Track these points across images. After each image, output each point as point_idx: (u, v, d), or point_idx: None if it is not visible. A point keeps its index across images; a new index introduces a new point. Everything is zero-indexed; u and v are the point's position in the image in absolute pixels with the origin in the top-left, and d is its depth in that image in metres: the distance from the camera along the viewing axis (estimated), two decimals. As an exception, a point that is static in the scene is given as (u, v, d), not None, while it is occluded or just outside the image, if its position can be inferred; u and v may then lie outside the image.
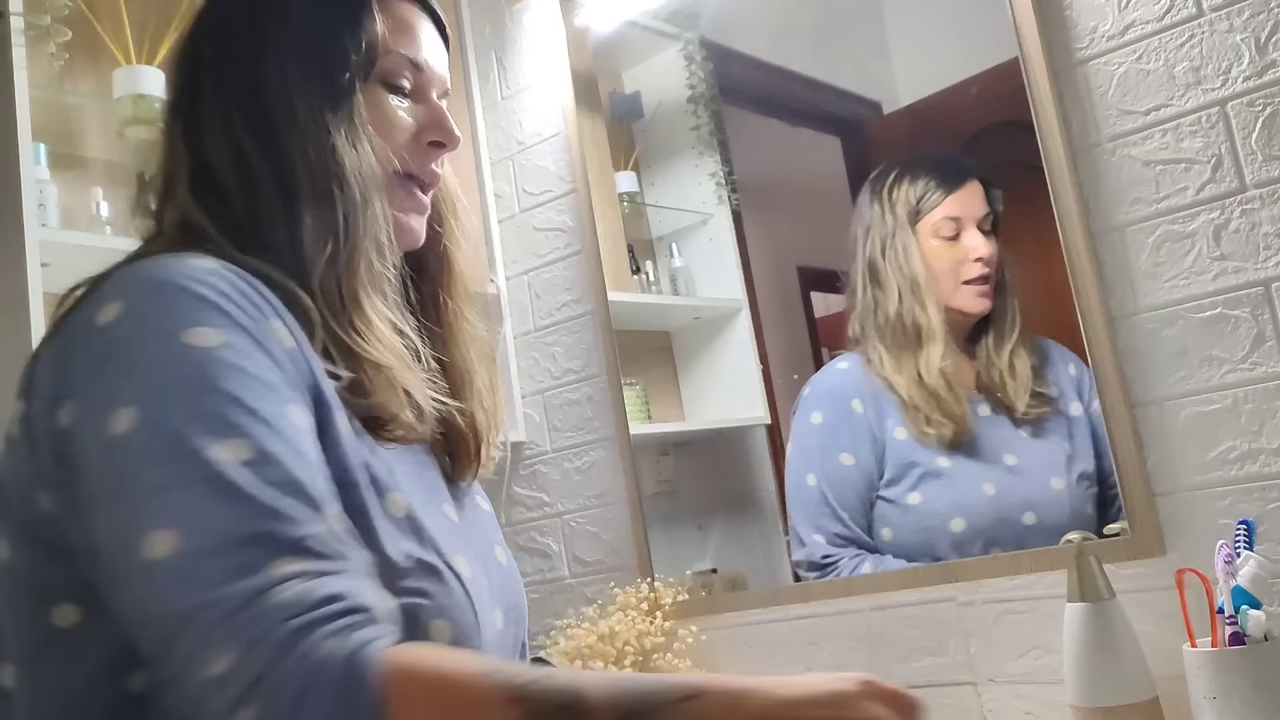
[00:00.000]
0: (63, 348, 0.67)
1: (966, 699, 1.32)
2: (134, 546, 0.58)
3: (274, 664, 0.54)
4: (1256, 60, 1.16)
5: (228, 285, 0.67)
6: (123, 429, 0.61)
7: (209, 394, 0.62)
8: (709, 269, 1.76)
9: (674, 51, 1.76)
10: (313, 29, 0.78)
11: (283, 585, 0.56)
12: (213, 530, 0.58)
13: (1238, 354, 1.16)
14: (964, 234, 1.44)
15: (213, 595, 0.56)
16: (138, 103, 1.55)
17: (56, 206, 1.45)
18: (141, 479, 0.60)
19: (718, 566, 1.67)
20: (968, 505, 1.41)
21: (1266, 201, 1.15)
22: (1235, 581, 1.04)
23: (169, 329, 0.64)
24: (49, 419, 0.66)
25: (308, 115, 0.76)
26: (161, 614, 0.57)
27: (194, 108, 0.79)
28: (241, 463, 0.60)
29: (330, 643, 0.55)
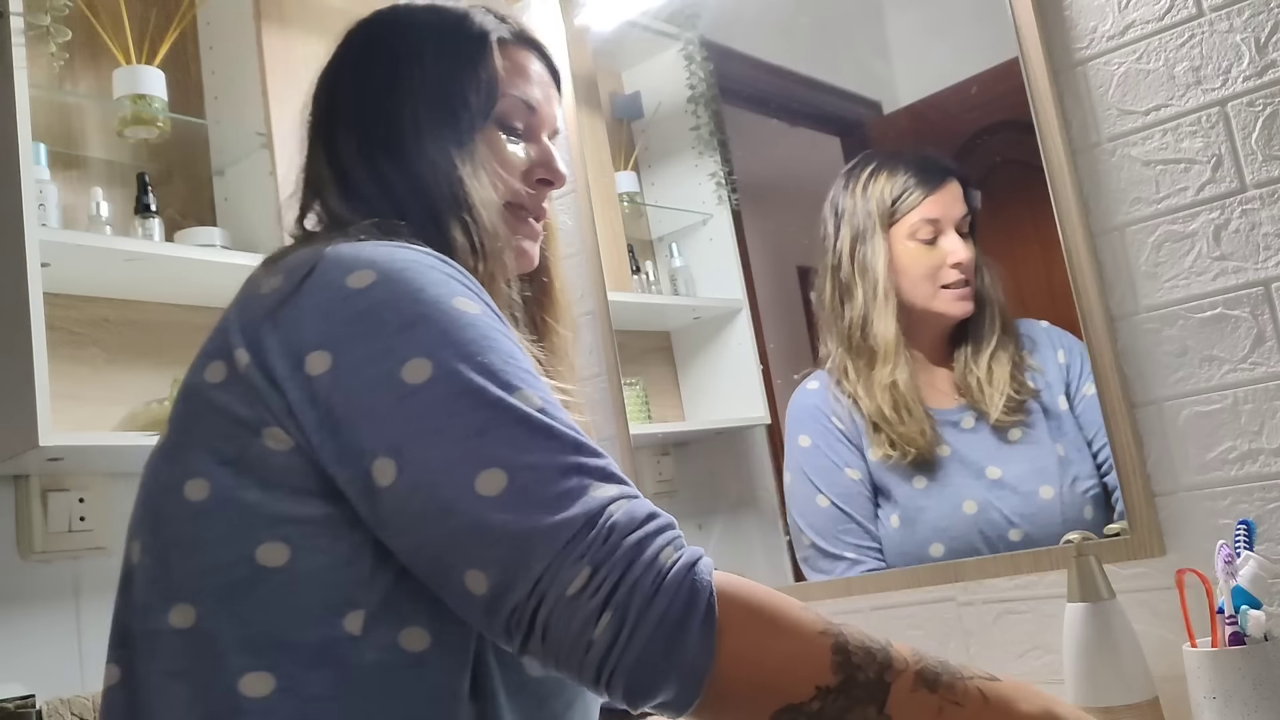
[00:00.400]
0: (304, 305, 0.71)
1: (966, 699, 1.32)
2: (464, 484, 0.64)
3: (624, 574, 0.61)
4: (1256, 60, 1.16)
5: (452, 267, 0.74)
6: (420, 379, 0.67)
7: (490, 352, 0.69)
8: (709, 269, 1.76)
9: (674, 51, 1.76)
10: (441, 75, 0.86)
11: (612, 505, 0.64)
12: (536, 465, 0.64)
13: (1238, 354, 1.16)
14: (942, 237, 1.40)
15: (553, 520, 0.62)
16: (137, 103, 1.55)
17: (56, 206, 1.46)
18: (457, 422, 0.66)
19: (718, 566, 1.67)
20: (946, 529, 1.36)
21: (1266, 201, 1.15)
22: (1235, 581, 1.04)
23: (436, 295, 0.70)
24: (296, 365, 0.69)
25: (437, 150, 0.84)
26: (504, 543, 0.63)
27: (332, 131, 0.88)
28: (536, 409, 0.67)
29: (666, 552, 0.63)
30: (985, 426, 1.38)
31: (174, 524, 0.72)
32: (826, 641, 0.63)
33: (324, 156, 0.87)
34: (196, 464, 0.72)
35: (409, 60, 0.87)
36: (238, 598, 0.69)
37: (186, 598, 0.70)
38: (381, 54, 0.89)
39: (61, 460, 1.39)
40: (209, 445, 0.72)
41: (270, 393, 0.70)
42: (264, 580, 0.69)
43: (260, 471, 0.70)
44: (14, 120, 1.36)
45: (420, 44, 0.88)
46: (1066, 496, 1.31)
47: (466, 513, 0.64)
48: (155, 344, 1.60)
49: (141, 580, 0.73)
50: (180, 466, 0.73)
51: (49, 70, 1.54)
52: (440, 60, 0.86)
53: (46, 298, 1.33)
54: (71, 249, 1.40)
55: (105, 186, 1.57)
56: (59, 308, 1.46)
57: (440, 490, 0.65)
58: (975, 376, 1.38)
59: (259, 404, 0.70)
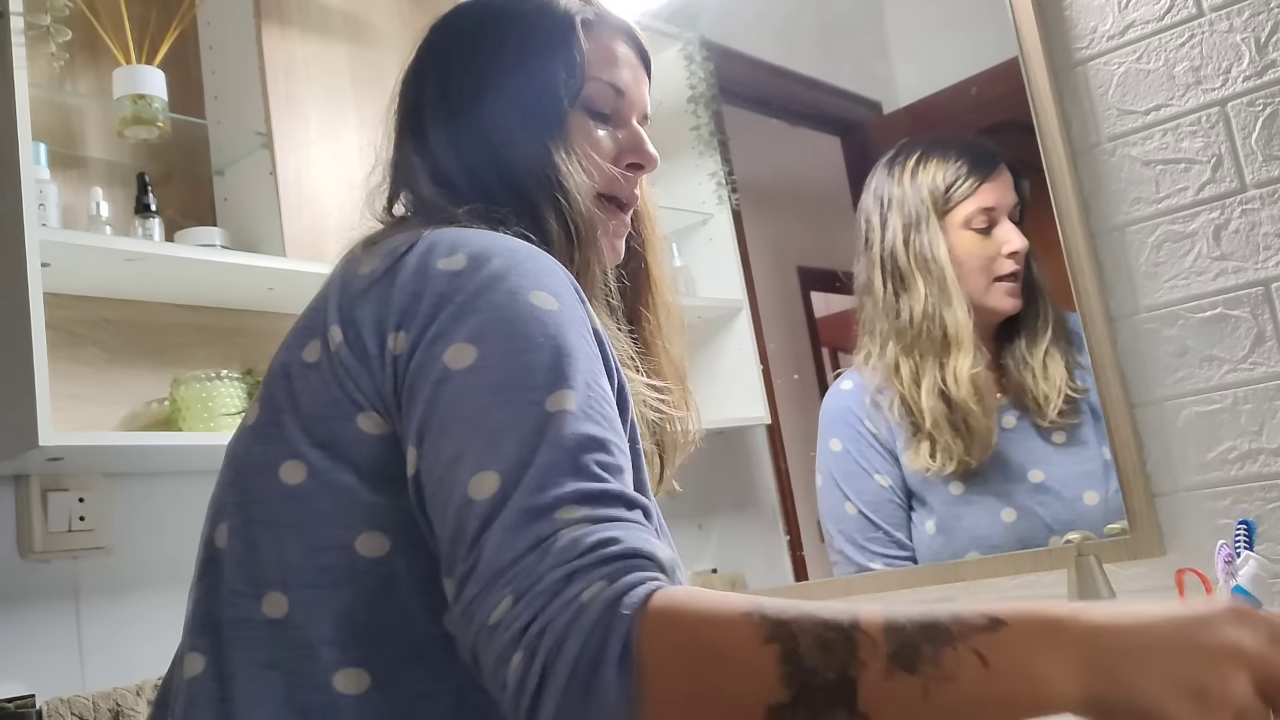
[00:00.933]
0: (398, 284, 0.69)
1: (966, 699, 1.32)
2: (462, 480, 0.60)
3: (540, 611, 0.54)
4: (1256, 60, 1.16)
5: (549, 262, 0.71)
6: (461, 364, 0.63)
7: (547, 350, 0.64)
8: (709, 269, 1.76)
9: (674, 52, 1.76)
10: (527, 60, 0.84)
11: (560, 532, 0.56)
12: (529, 477, 0.59)
13: (1238, 354, 1.16)
14: (996, 227, 1.34)
15: (507, 538, 0.57)
16: (137, 103, 1.55)
17: (57, 206, 1.46)
18: (478, 416, 0.62)
19: (718, 566, 1.67)
20: (983, 538, 1.32)
21: (1266, 201, 1.15)
22: (1235, 581, 1.04)
23: (516, 286, 0.67)
24: (385, 345, 0.67)
25: (528, 138, 0.82)
26: (468, 553, 0.59)
27: (420, 122, 0.86)
28: (569, 413, 0.61)
29: (596, 587, 0.54)
30: (1029, 426, 1.32)
31: (267, 507, 0.69)
32: (772, 653, 0.51)
33: (412, 146, 0.85)
34: (293, 445, 0.69)
35: (494, 52, 0.85)
36: (334, 586, 0.66)
37: (279, 586, 0.67)
38: (464, 44, 0.87)
39: (61, 460, 1.39)
40: (304, 426, 0.69)
41: (361, 372, 0.68)
42: (362, 572, 0.66)
43: (356, 456, 0.67)
44: (14, 120, 1.36)
45: (503, 32, 0.86)
46: (1112, 502, 1.24)
47: (456, 513, 0.60)
48: (155, 344, 1.60)
49: (230, 565, 0.69)
50: (276, 446, 0.70)
51: (49, 70, 1.53)
52: (525, 45, 0.85)
53: (46, 298, 1.33)
54: (71, 249, 1.39)
55: (105, 186, 1.57)
56: (59, 308, 1.46)
57: (442, 486, 0.62)
58: (1030, 373, 1.31)
59: (351, 384, 0.68)
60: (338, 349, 0.69)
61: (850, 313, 1.46)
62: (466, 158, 0.82)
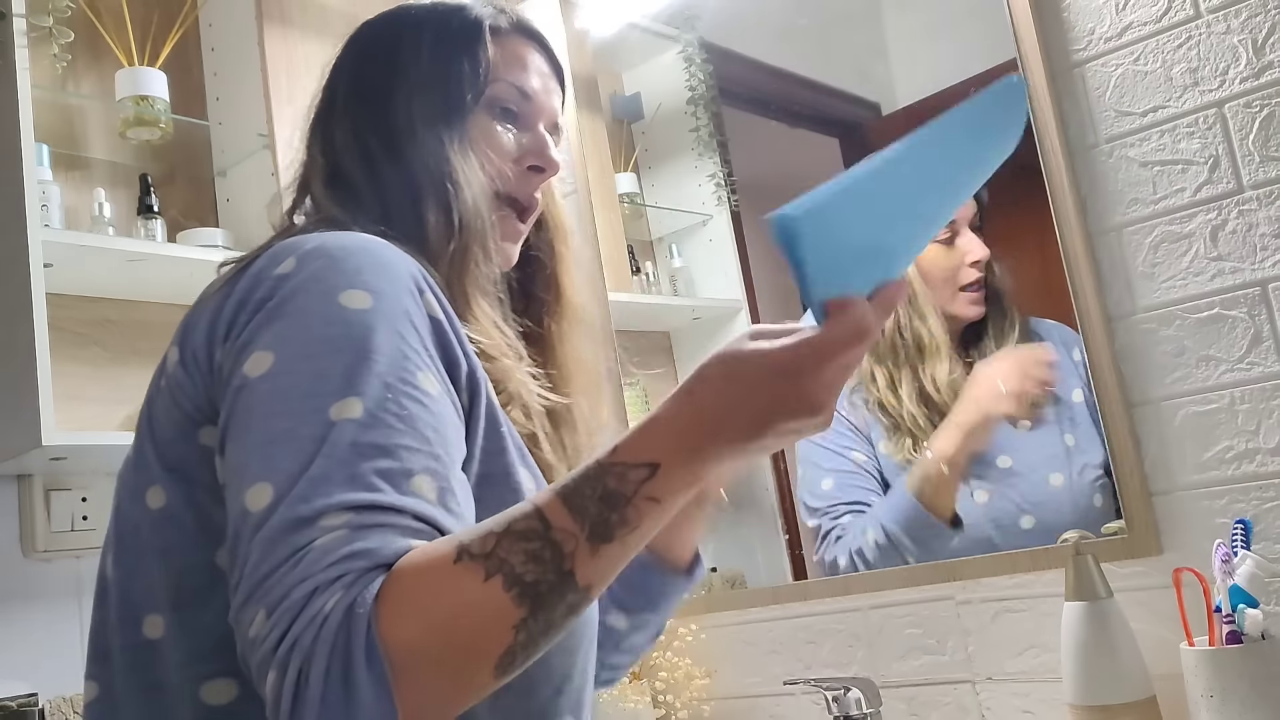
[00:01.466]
0: (233, 293, 0.70)
1: (965, 697, 1.33)
2: (241, 492, 0.61)
3: (289, 627, 0.55)
4: (1254, 61, 1.16)
5: (392, 257, 0.70)
6: (257, 372, 0.64)
7: (345, 354, 0.63)
8: (709, 269, 1.76)
9: (674, 53, 1.76)
10: (433, 61, 0.86)
11: (315, 543, 0.56)
12: (299, 490, 0.58)
13: (1234, 354, 1.16)
14: (959, 237, 1.41)
15: (265, 551, 0.57)
16: (140, 104, 1.56)
17: (59, 207, 1.46)
18: (262, 425, 0.62)
19: (717, 565, 1.68)
20: (962, 517, 1.38)
21: (1263, 202, 1.16)
22: (1232, 580, 1.05)
23: (330, 287, 0.66)
24: (209, 356, 0.69)
25: (427, 131, 0.83)
26: (238, 563, 0.59)
27: (329, 122, 0.87)
28: (350, 421, 0.61)
29: (335, 598, 0.55)
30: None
31: (140, 534, 0.71)
32: (496, 585, 0.55)
33: (319, 146, 0.87)
34: (152, 471, 0.71)
35: (404, 51, 0.87)
36: (199, 604, 0.68)
37: (154, 608, 0.70)
38: (379, 48, 0.89)
39: (64, 459, 1.39)
40: (159, 451, 0.71)
41: (192, 387, 0.70)
42: (223, 584, 0.65)
43: (203, 474, 0.69)
44: (17, 121, 1.37)
45: (416, 36, 0.88)
46: (1075, 484, 1.32)
47: (233, 524, 0.61)
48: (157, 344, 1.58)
49: (115, 593, 0.72)
50: (142, 474, 0.72)
51: (52, 72, 1.54)
52: (434, 48, 0.87)
53: (49, 298, 1.33)
54: (74, 249, 1.40)
55: (108, 187, 1.58)
56: (62, 308, 1.47)
57: (230, 498, 0.63)
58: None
59: (187, 401, 0.70)
60: (174, 369, 0.72)
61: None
62: (367, 154, 0.84)
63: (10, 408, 1.34)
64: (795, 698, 1.44)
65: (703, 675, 1.51)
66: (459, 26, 0.88)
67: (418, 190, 0.81)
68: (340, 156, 0.85)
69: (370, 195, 0.82)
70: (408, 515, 0.59)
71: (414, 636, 0.54)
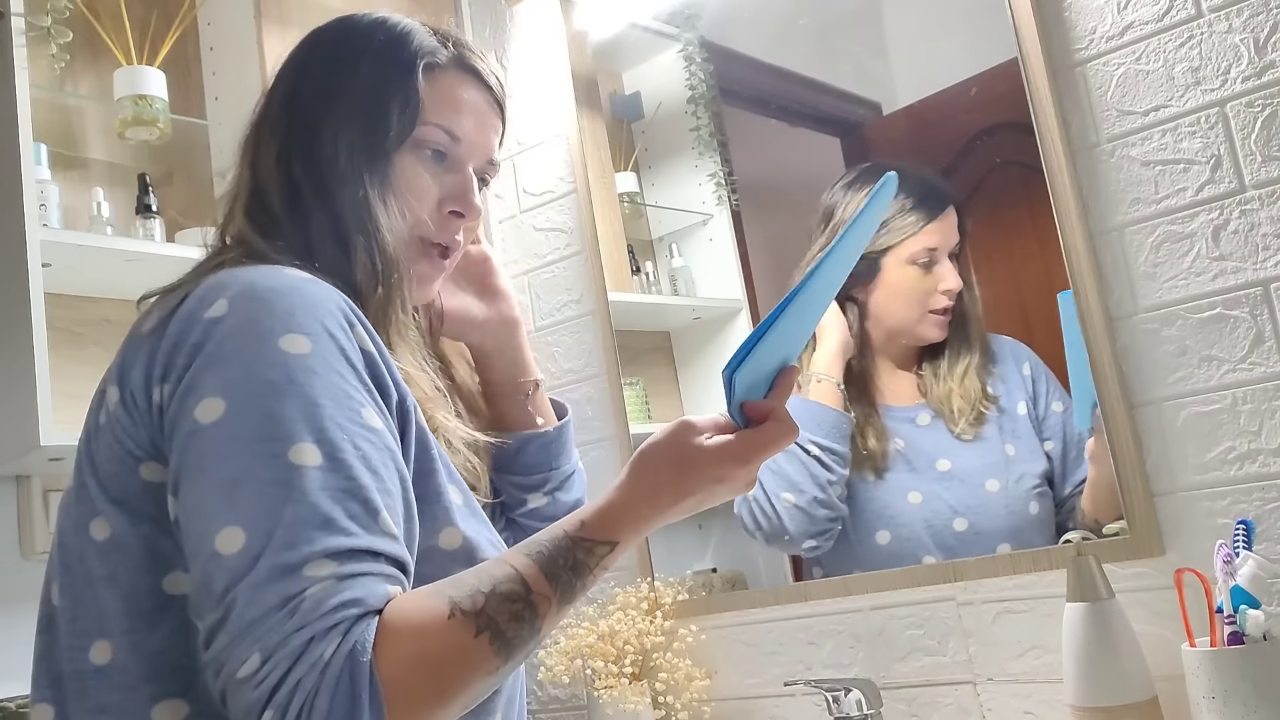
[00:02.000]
0: (166, 335, 0.72)
1: (965, 698, 1.33)
2: (208, 535, 0.64)
3: (288, 672, 0.60)
4: (1255, 61, 1.16)
5: (321, 294, 0.73)
6: (210, 418, 0.67)
7: (293, 398, 0.67)
8: (709, 269, 1.76)
9: (674, 52, 1.76)
10: (365, 90, 0.85)
11: (307, 592, 0.61)
12: (271, 533, 0.63)
13: (1236, 354, 1.16)
14: (938, 265, 1.44)
15: (253, 596, 0.61)
16: (138, 104, 1.56)
17: (58, 207, 1.46)
18: (221, 469, 0.65)
19: (718, 566, 1.67)
20: (891, 517, 1.42)
21: (1265, 202, 1.15)
22: (1234, 581, 1.04)
23: (266, 331, 0.69)
24: (152, 396, 0.71)
25: (349, 169, 0.82)
26: (216, 605, 0.63)
27: (260, 134, 0.87)
28: (312, 467, 0.65)
29: (334, 645, 0.60)
30: (941, 424, 1.43)
31: (85, 563, 0.73)
32: (484, 641, 0.64)
33: (248, 161, 0.86)
34: (96, 504, 0.73)
35: (340, 77, 0.86)
36: (149, 628, 0.71)
37: (103, 634, 0.72)
38: (318, 66, 0.88)
39: (63, 460, 1.39)
40: (102, 485, 0.73)
41: (133, 426, 0.72)
42: (173, 608, 0.70)
43: (147, 506, 0.71)
44: (15, 121, 1.37)
45: (355, 62, 0.86)
46: (1011, 490, 1.37)
47: (203, 565, 0.64)
48: (156, 344, 1.60)
49: (63, 620, 0.74)
50: (85, 507, 0.74)
51: (50, 71, 1.54)
52: (369, 80, 0.85)
53: (47, 298, 1.33)
54: (72, 249, 1.40)
55: (106, 187, 1.57)
56: (60, 308, 1.47)
57: (191, 537, 0.66)
58: (948, 388, 1.43)
59: (129, 439, 0.72)
60: (115, 408, 0.73)
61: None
62: (290, 178, 0.83)
63: (8, 408, 1.33)
64: (796, 699, 1.44)
65: (703, 676, 1.51)
66: (394, 60, 0.86)
67: (341, 231, 0.81)
68: (264, 179, 0.84)
69: (291, 228, 0.82)
70: (383, 559, 0.65)
71: (413, 682, 0.62)
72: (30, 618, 1.48)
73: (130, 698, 0.70)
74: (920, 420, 1.45)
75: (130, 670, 0.70)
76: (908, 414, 1.46)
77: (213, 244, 0.87)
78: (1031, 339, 1.41)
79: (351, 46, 0.87)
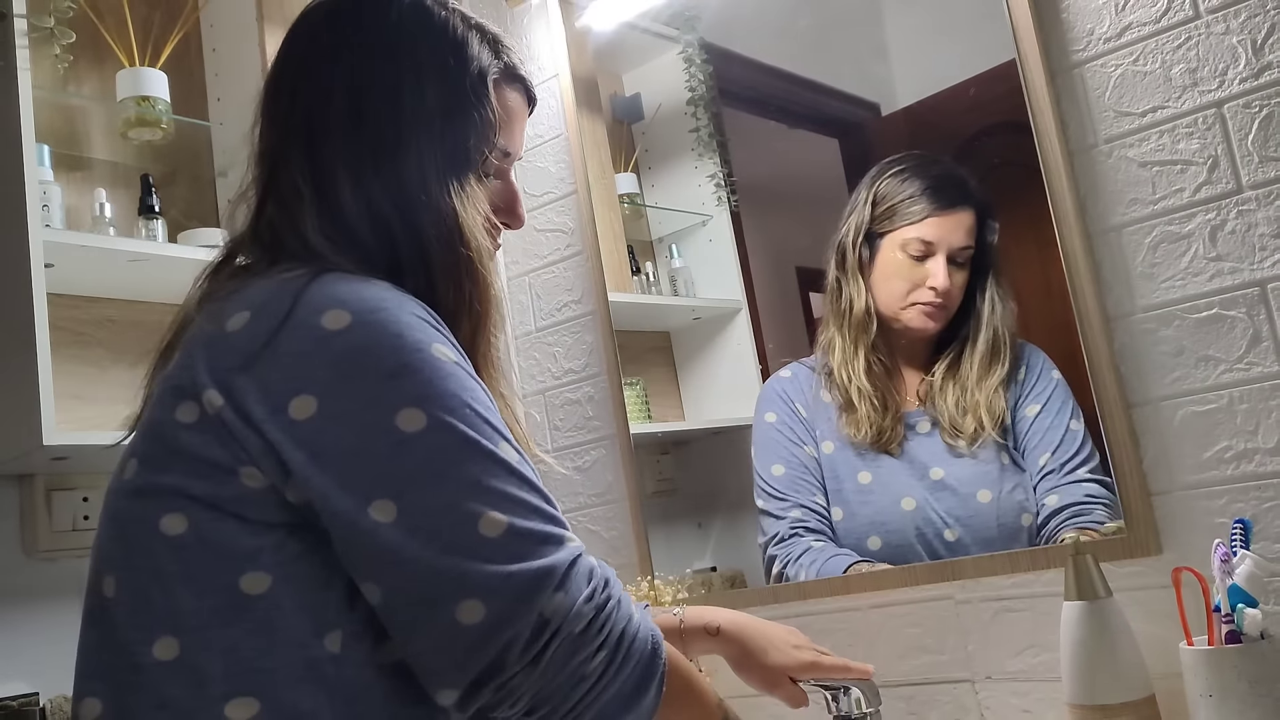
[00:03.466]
0: (287, 351, 0.73)
1: (964, 696, 1.33)
2: (467, 526, 0.70)
3: (615, 622, 0.73)
4: (1253, 62, 1.17)
5: (424, 310, 0.76)
6: (416, 428, 0.71)
7: (475, 404, 0.74)
8: (708, 270, 1.76)
9: (674, 54, 1.76)
10: (445, 112, 0.84)
11: (585, 558, 0.74)
12: (527, 513, 0.72)
13: (1234, 354, 1.16)
14: (931, 260, 1.41)
15: (545, 563, 0.70)
16: (141, 104, 1.56)
17: (60, 207, 1.46)
18: (454, 471, 0.71)
19: (717, 565, 1.68)
20: (883, 522, 1.42)
21: (1262, 202, 1.16)
22: (1231, 580, 1.05)
23: (416, 342, 0.73)
24: (277, 409, 0.72)
25: (438, 199, 0.81)
26: (508, 580, 0.69)
27: (317, 143, 0.83)
28: (515, 461, 0.74)
29: (635, 611, 0.76)
30: (938, 432, 1.42)
31: (152, 558, 0.73)
32: (721, 711, 0.88)
33: (306, 169, 0.82)
34: (172, 500, 0.73)
35: (413, 93, 0.83)
36: (222, 626, 0.71)
37: (171, 630, 0.71)
38: (384, 76, 0.83)
39: (66, 459, 1.39)
40: (182, 482, 0.73)
41: (247, 434, 0.72)
42: (249, 608, 0.71)
43: (236, 507, 0.72)
44: (18, 122, 1.37)
45: (421, 74, 0.83)
46: (1004, 502, 1.36)
47: (470, 553, 0.69)
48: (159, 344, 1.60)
49: (121, 614, 0.74)
50: (154, 502, 0.74)
51: (53, 72, 1.54)
52: (446, 100, 0.83)
53: (50, 298, 1.34)
54: (75, 250, 1.40)
55: (109, 188, 1.58)
56: (63, 308, 1.47)
57: (444, 532, 0.69)
58: (961, 409, 1.39)
59: (234, 444, 0.73)
60: (218, 412, 0.73)
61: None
62: (376, 211, 0.81)
63: (11, 408, 1.34)
64: (795, 697, 1.44)
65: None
66: (467, 73, 0.84)
67: (429, 258, 0.81)
68: (338, 195, 0.81)
69: (378, 251, 0.81)
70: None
71: (676, 694, 0.81)
72: (33, 616, 1.50)
73: (198, 694, 0.70)
74: (920, 428, 1.44)
75: (200, 668, 0.71)
76: (908, 420, 1.45)
77: (245, 238, 0.85)
78: (1029, 339, 1.42)
79: (412, 48, 0.84)
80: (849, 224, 1.48)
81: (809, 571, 1.46)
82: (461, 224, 0.82)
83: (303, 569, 0.72)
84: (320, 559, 0.73)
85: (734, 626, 1.11)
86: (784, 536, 1.49)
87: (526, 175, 1.85)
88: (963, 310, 1.42)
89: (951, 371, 1.42)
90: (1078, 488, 1.31)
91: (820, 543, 1.47)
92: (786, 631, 1.14)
